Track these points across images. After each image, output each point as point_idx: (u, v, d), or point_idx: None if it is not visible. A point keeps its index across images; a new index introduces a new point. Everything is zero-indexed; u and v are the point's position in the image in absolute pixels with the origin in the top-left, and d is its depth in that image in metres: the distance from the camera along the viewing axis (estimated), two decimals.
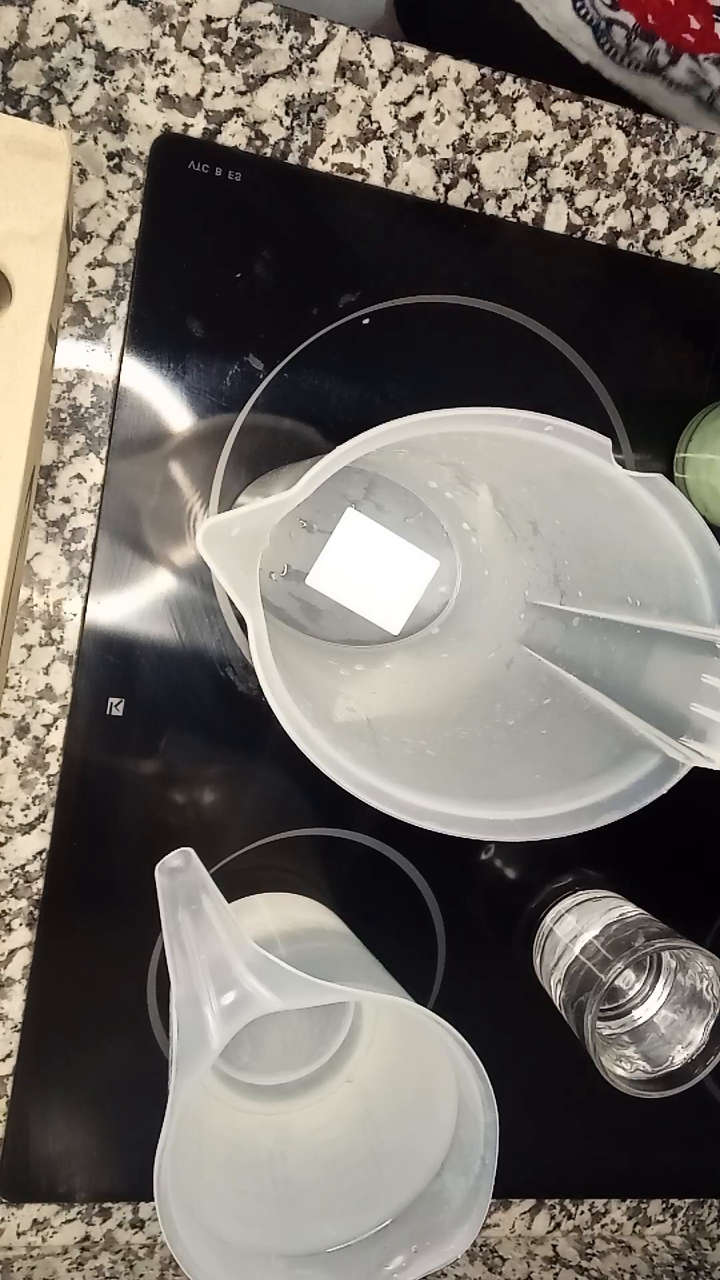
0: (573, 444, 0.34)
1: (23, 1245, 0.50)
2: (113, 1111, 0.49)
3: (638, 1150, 0.58)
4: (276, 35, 0.46)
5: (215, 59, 0.45)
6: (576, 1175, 0.57)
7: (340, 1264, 0.41)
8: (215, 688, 0.48)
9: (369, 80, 0.47)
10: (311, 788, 0.50)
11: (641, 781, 0.39)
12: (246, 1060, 0.50)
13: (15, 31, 0.43)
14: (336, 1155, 0.46)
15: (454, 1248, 0.40)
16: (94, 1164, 0.49)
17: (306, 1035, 0.51)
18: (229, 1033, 0.35)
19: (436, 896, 0.52)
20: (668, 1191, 0.59)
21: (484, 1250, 0.55)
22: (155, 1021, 0.49)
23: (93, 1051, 0.48)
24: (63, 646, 0.47)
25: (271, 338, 0.47)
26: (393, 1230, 0.41)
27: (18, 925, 0.47)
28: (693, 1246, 0.59)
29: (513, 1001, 0.52)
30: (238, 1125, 0.47)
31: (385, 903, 0.52)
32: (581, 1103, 0.56)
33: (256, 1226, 0.42)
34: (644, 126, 0.51)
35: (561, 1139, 0.56)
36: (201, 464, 0.47)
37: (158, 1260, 0.51)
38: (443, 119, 0.48)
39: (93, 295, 0.46)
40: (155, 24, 0.45)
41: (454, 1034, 0.37)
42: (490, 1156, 0.39)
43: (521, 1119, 0.43)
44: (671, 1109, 0.50)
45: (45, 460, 0.46)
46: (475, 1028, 0.38)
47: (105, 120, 0.45)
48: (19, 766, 0.47)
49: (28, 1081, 0.48)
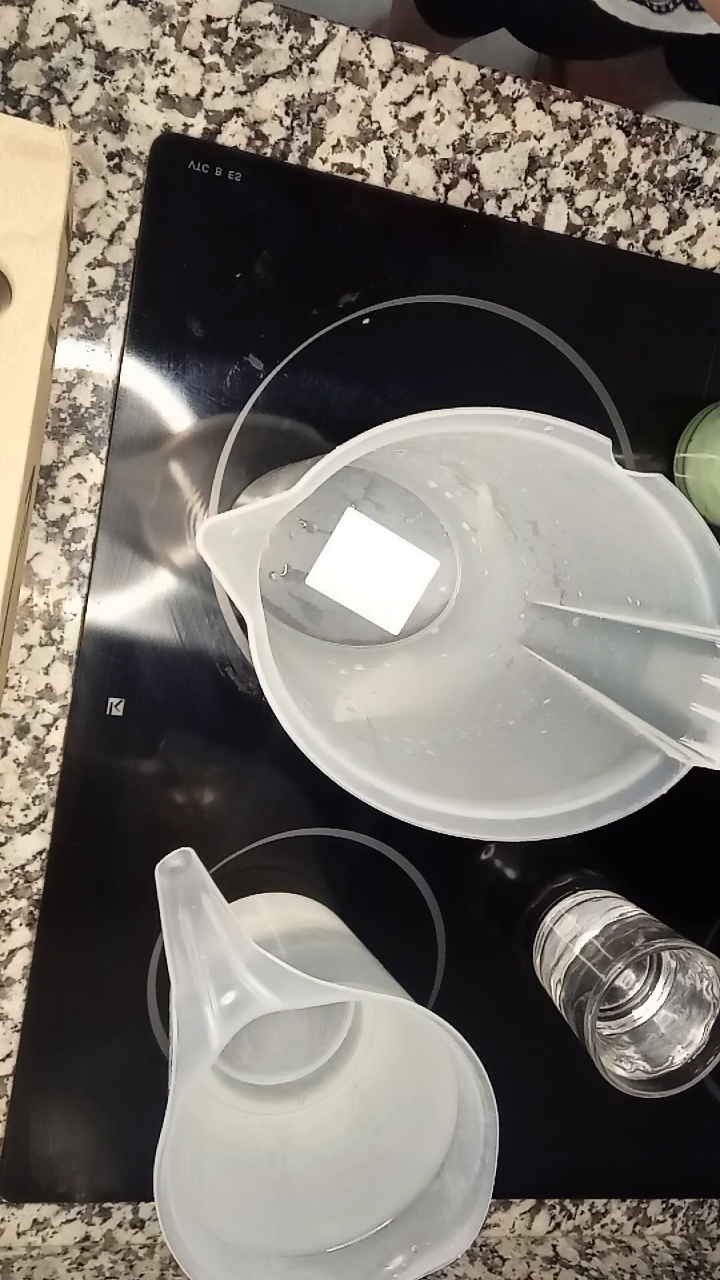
0: (573, 444, 0.34)
1: (23, 1245, 0.50)
2: (113, 1111, 0.49)
3: (638, 1150, 0.58)
4: (276, 35, 0.46)
5: (215, 59, 0.45)
6: (576, 1175, 0.57)
7: (340, 1264, 0.41)
8: (215, 688, 0.48)
9: (369, 80, 0.47)
10: (311, 788, 0.50)
11: (641, 781, 0.39)
12: (246, 1060, 0.50)
13: (15, 31, 0.43)
14: (336, 1155, 0.46)
15: (454, 1248, 0.40)
16: (94, 1164, 0.49)
17: (306, 1035, 0.51)
18: (229, 1033, 0.35)
19: (436, 896, 0.52)
20: (668, 1191, 0.59)
21: (484, 1250, 0.55)
22: (155, 1021, 0.49)
23: (93, 1051, 0.48)
24: (63, 646, 0.47)
25: (271, 338, 0.47)
26: (393, 1230, 0.41)
27: (18, 925, 0.47)
28: (693, 1246, 0.59)
29: (513, 1001, 0.52)
30: (238, 1125, 0.47)
31: (385, 903, 0.52)
32: (581, 1103, 0.56)
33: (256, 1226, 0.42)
34: (644, 126, 0.51)
35: (561, 1139, 0.56)
36: (201, 464, 0.47)
37: (158, 1260, 0.51)
38: (443, 119, 0.48)
39: (93, 295, 0.46)
40: (155, 24, 0.45)
41: (454, 1034, 0.37)
42: (490, 1156, 0.39)
43: (521, 1119, 0.43)
44: (671, 1109, 0.50)
45: (45, 460, 0.46)
46: (475, 1028, 0.38)
47: (105, 120, 0.45)
48: (19, 766, 0.47)
49: (28, 1081, 0.48)
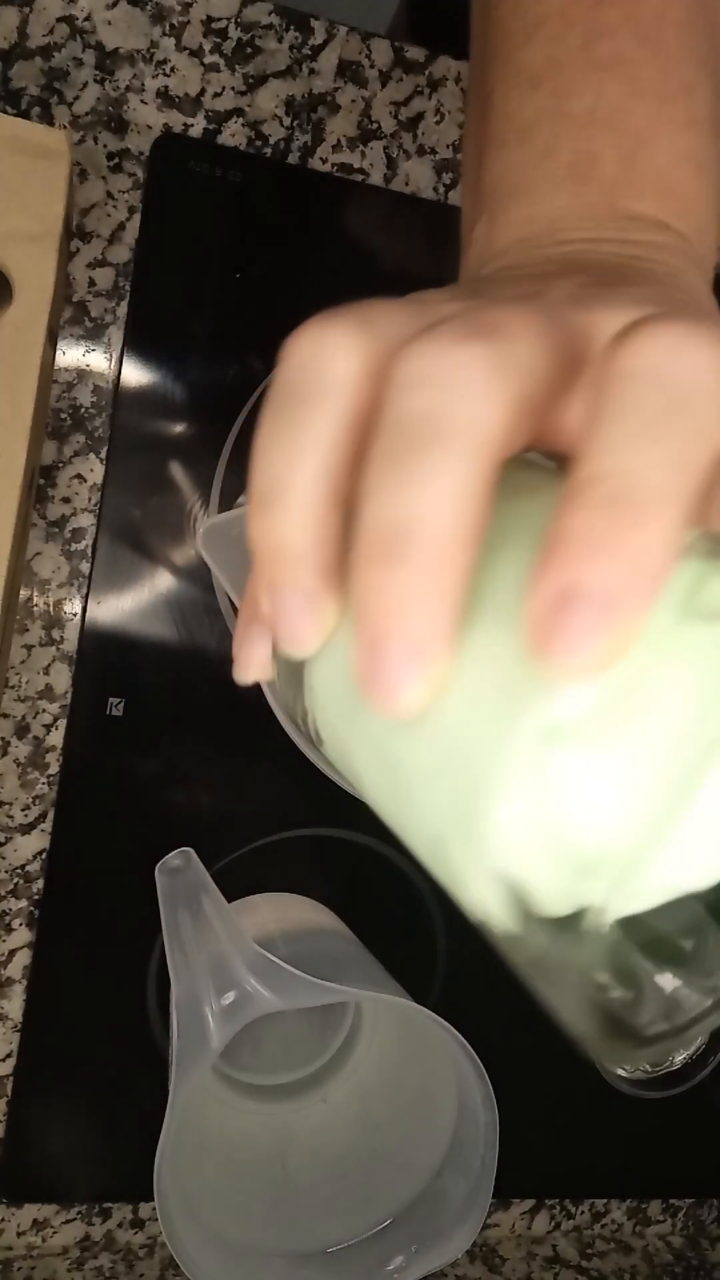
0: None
1: (23, 1245, 0.50)
2: (113, 1111, 0.49)
3: (638, 1150, 0.58)
4: (276, 35, 0.46)
5: (215, 59, 0.45)
6: (576, 1175, 0.57)
7: (340, 1264, 0.41)
8: (215, 688, 0.48)
9: (369, 80, 0.47)
10: (311, 788, 0.50)
11: None
12: (246, 1060, 0.50)
13: (15, 31, 0.43)
14: (336, 1155, 0.46)
15: (454, 1248, 0.40)
16: (94, 1164, 0.49)
17: (306, 1035, 0.51)
18: (229, 1033, 0.35)
19: (436, 896, 0.52)
20: (668, 1191, 0.59)
21: (484, 1250, 0.55)
22: (155, 1021, 0.49)
23: (93, 1051, 0.48)
24: (63, 646, 0.47)
25: (271, 338, 0.47)
26: (393, 1230, 0.41)
27: (18, 925, 0.47)
28: (693, 1246, 0.59)
29: (513, 1001, 0.52)
30: (238, 1125, 0.47)
31: (385, 903, 0.52)
32: (581, 1103, 0.56)
33: (256, 1226, 0.42)
34: None
35: (561, 1139, 0.56)
36: (201, 464, 0.47)
37: (158, 1260, 0.51)
38: (443, 119, 0.48)
39: (93, 295, 0.46)
40: (155, 24, 0.45)
41: (454, 1034, 0.37)
42: (490, 1156, 0.39)
43: (521, 1119, 0.43)
44: (671, 1109, 0.50)
45: (45, 460, 0.46)
46: (475, 1027, 0.38)
47: (105, 120, 0.45)
48: (19, 766, 0.47)
49: (28, 1081, 0.48)
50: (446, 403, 0.16)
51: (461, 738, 0.16)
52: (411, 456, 0.16)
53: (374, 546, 0.16)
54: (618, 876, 0.15)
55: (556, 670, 0.15)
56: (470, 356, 0.16)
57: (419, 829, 0.18)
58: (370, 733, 0.18)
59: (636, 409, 0.16)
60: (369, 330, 0.18)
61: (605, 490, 0.15)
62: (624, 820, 0.15)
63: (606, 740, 0.15)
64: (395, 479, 0.16)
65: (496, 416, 0.16)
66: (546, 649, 0.15)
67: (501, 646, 0.16)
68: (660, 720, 0.15)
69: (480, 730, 0.16)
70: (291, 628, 0.18)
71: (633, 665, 0.15)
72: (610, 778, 0.15)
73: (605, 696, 0.15)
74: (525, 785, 0.15)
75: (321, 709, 0.19)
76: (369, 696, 0.16)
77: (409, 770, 0.17)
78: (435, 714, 0.16)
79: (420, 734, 0.17)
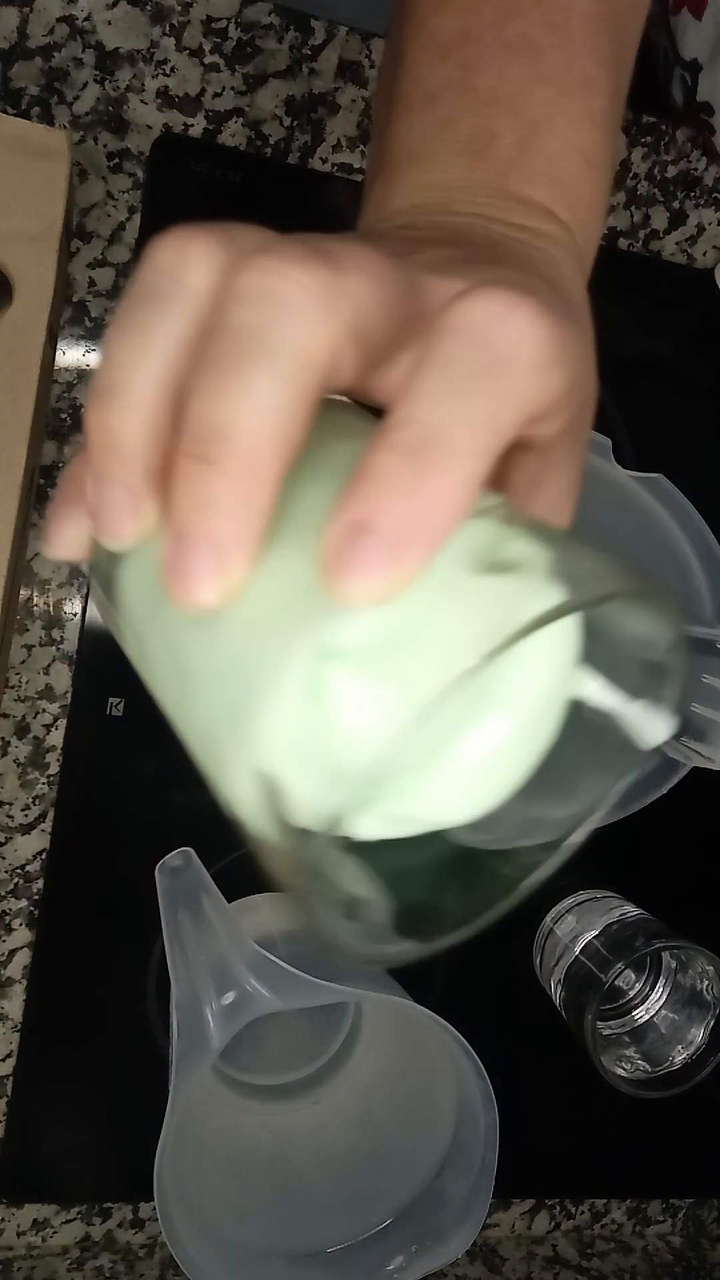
0: None
1: (23, 1245, 0.50)
2: (113, 1112, 0.49)
3: (638, 1150, 0.58)
4: (276, 35, 0.46)
5: (215, 59, 0.45)
6: (576, 1175, 0.57)
7: (340, 1264, 0.41)
8: None
9: (369, 80, 0.47)
10: None
11: (641, 782, 0.39)
12: (246, 1060, 0.50)
13: (15, 31, 0.43)
14: (336, 1155, 0.46)
15: (454, 1248, 0.40)
16: (94, 1164, 0.49)
17: (306, 1035, 0.51)
18: (229, 1033, 0.35)
19: None
20: (668, 1191, 0.59)
21: (484, 1250, 0.55)
22: (155, 1021, 0.49)
23: (93, 1051, 0.48)
24: (63, 646, 0.47)
25: None
26: (393, 1230, 0.41)
27: (18, 925, 0.47)
28: (693, 1246, 0.59)
29: (513, 1001, 0.52)
30: (238, 1125, 0.47)
31: None
32: (581, 1103, 0.56)
33: (256, 1226, 0.42)
34: (644, 126, 0.51)
35: (561, 1139, 0.56)
36: None
37: (158, 1260, 0.51)
38: None
39: (93, 295, 0.46)
40: (155, 24, 0.45)
41: (454, 1034, 0.37)
42: (490, 1156, 0.39)
43: (521, 1119, 0.43)
44: (671, 1109, 0.50)
45: (45, 460, 0.46)
46: (475, 1028, 0.38)
47: (105, 120, 0.45)
48: (19, 766, 0.47)
49: (28, 1081, 0.48)
50: (273, 319, 0.17)
51: (248, 644, 0.17)
52: (235, 366, 0.17)
53: (191, 445, 0.17)
54: (358, 790, 0.17)
55: (341, 596, 0.16)
56: (302, 276, 0.17)
57: (196, 725, 0.19)
58: (167, 630, 0.19)
59: (454, 363, 0.17)
60: (228, 247, 0.18)
61: (410, 436, 0.17)
62: (371, 739, 0.17)
63: (374, 666, 0.17)
64: (217, 384, 0.17)
65: (320, 339, 0.17)
66: (335, 575, 0.16)
67: (300, 566, 0.17)
68: (424, 656, 0.17)
69: (266, 639, 0.17)
70: (112, 522, 0.18)
71: (416, 604, 0.16)
72: (368, 700, 0.17)
73: (385, 628, 0.17)
74: (296, 694, 0.17)
75: (127, 602, 0.20)
76: (169, 589, 0.17)
77: (196, 668, 0.19)
78: (228, 618, 0.17)
79: (212, 635, 0.18)
